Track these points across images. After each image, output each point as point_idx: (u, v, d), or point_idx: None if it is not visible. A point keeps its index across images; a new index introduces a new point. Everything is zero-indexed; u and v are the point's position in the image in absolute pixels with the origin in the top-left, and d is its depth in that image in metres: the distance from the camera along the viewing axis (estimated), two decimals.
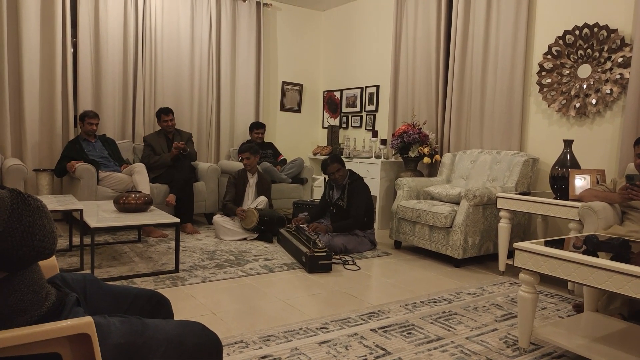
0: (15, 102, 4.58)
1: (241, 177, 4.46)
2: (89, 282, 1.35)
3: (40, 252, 1.03)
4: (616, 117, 3.53)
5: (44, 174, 4.39)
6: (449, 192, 3.83)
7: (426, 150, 4.63)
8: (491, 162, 4.04)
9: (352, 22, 6.14)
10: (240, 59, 5.88)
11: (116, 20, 5.02)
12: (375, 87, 5.75)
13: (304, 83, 6.56)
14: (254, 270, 3.34)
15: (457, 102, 4.58)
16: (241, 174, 4.47)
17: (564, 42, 3.78)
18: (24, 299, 1.04)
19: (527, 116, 4.10)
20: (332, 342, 2.19)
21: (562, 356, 2.13)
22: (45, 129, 4.74)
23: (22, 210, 0.99)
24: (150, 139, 4.82)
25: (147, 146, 4.79)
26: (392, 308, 2.68)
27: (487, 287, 3.17)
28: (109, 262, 3.39)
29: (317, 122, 6.73)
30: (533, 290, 2.07)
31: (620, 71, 3.45)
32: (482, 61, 4.36)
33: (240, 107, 5.93)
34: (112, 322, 1.11)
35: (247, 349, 2.07)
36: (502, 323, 2.52)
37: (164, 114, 4.82)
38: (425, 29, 4.94)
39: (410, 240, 3.97)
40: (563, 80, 3.80)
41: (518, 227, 3.83)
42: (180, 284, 2.95)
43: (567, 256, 1.89)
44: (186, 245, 3.95)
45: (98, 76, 4.98)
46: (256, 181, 4.47)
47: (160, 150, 4.76)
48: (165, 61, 5.37)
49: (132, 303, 1.37)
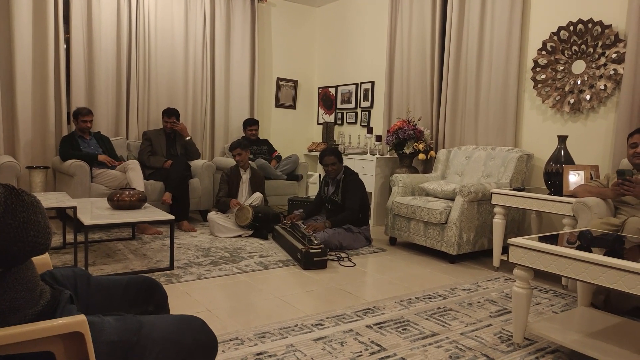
0: (8, 99, 4.54)
1: (234, 174, 4.46)
2: (79, 277, 1.34)
3: (35, 248, 1.02)
4: (610, 113, 3.54)
5: (37, 172, 4.36)
6: (443, 188, 3.84)
7: (421, 146, 4.63)
8: (486, 158, 4.05)
9: (346, 18, 6.13)
10: (235, 56, 5.85)
11: (109, 16, 4.98)
12: (370, 84, 5.74)
13: (299, 79, 6.54)
14: (249, 267, 3.33)
15: (452, 99, 4.59)
16: (234, 171, 4.48)
17: (558, 37, 3.78)
18: (17, 297, 1.03)
19: (522, 112, 4.11)
20: (327, 338, 2.19)
21: (556, 351, 2.14)
22: (38, 126, 4.70)
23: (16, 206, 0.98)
24: (151, 134, 4.81)
25: (146, 140, 4.77)
26: (387, 304, 2.68)
27: (481, 282, 3.18)
28: (103, 260, 3.37)
29: (312, 118, 6.72)
30: (527, 285, 2.07)
31: (614, 67, 3.46)
32: (476, 57, 4.36)
33: (234, 103, 5.90)
34: (107, 320, 1.10)
35: (242, 346, 2.07)
36: (496, 318, 2.53)
37: (167, 115, 4.83)
38: (420, 25, 4.94)
39: (405, 236, 3.98)
40: (557, 76, 3.81)
41: (512, 223, 3.85)
42: (175, 281, 2.95)
43: (561, 252, 1.89)
44: (181, 242, 3.94)
45: (91, 73, 4.94)
46: (249, 177, 4.48)
47: (158, 147, 4.75)
48: (159, 57, 5.34)
49: (124, 293, 1.36)
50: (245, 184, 4.47)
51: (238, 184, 4.46)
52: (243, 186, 4.47)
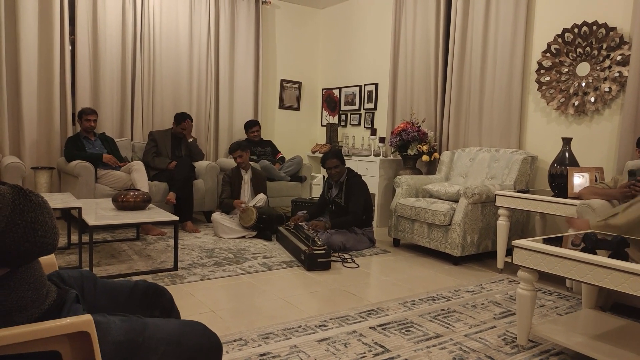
0: (13, 100, 4.57)
1: (235, 175, 4.48)
2: (86, 279, 1.35)
3: (42, 248, 1.03)
4: (615, 115, 3.53)
5: (42, 172, 4.38)
6: (447, 190, 3.84)
7: (425, 148, 4.63)
8: (490, 160, 4.04)
9: (350, 19, 6.13)
10: (239, 57, 5.87)
11: (114, 18, 5.00)
12: (374, 85, 5.74)
13: (303, 81, 6.55)
14: (253, 268, 3.34)
15: (456, 100, 4.58)
16: (235, 172, 4.49)
17: (562, 40, 3.78)
18: (25, 296, 1.04)
19: (526, 114, 4.11)
20: (331, 339, 2.19)
21: (560, 353, 2.13)
22: (44, 127, 4.73)
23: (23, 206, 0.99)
24: (156, 135, 4.82)
25: (152, 141, 4.78)
26: (390, 306, 2.68)
27: (485, 284, 3.17)
28: (107, 260, 3.39)
29: (316, 120, 6.73)
30: (531, 287, 2.07)
31: (619, 69, 3.45)
32: (481, 59, 4.36)
33: (238, 105, 5.92)
34: (113, 320, 1.11)
35: (246, 347, 2.07)
36: (500, 320, 2.52)
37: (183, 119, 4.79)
38: (424, 27, 4.94)
39: (409, 238, 3.98)
40: (562, 78, 3.80)
41: (517, 224, 3.84)
42: (179, 282, 2.95)
43: (566, 254, 1.89)
44: (185, 243, 3.95)
45: (96, 74, 4.97)
46: (250, 177, 4.51)
47: (163, 148, 4.76)
48: (163, 59, 5.36)
49: (129, 297, 1.37)
50: (246, 184, 4.49)
51: (240, 185, 4.48)
52: (245, 187, 4.48)
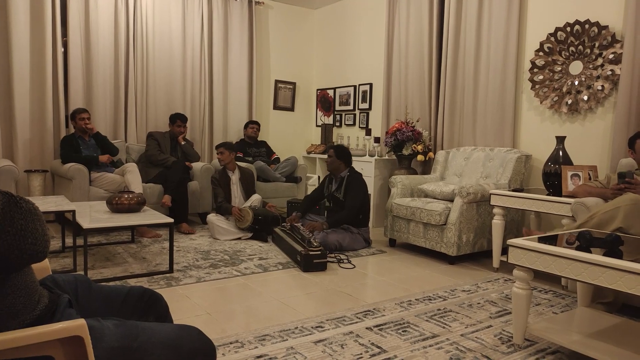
0: (5, 103, 4.54)
1: (222, 176, 4.44)
2: (80, 283, 1.34)
3: (32, 256, 1.02)
4: (608, 114, 3.55)
5: (35, 175, 4.35)
6: (442, 189, 3.84)
7: (420, 147, 4.63)
8: (484, 159, 4.05)
9: (344, 20, 6.13)
10: (233, 58, 5.85)
11: (107, 19, 4.98)
12: (369, 85, 5.75)
13: (297, 81, 6.54)
14: (249, 269, 3.33)
15: (450, 100, 4.59)
16: (222, 174, 4.46)
17: (555, 38, 3.79)
18: (16, 302, 1.03)
19: (520, 113, 4.12)
20: (327, 340, 2.18)
21: (556, 352, 2.14)
22: (36, 130, 4.70)
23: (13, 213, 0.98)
24: (157, 135, 4.83)
25: (154, 140, 4.78)
26: (387, 306, 2.68)
27: (481, 284, 3.18)
28: (102, 263, 3.37)
29: (311, 120, 6.72)
30: (527, 286, 2.07)
31: (611, 67, 3.47)
32: (474, 58, 4.37)
33: (233, 106, 5.90)
34: (106, 325, 1.10)
35: (242, 349, 2.06)
36: (496, 320, 2.53)
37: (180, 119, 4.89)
38: (417, 27, 4.95)
39: (404, 237, 3.98)
40: (555, 76, 3.82)
41: (512, 223, 3.85)
42: (174, 285, 2.94)
43: (561, 252, 1.89)
44: (180, 245, 3.93)
45: (89, 76, 4.94)
46: (239, 177, 4.49)
47: (163, 149, 4.77)
48: (157, 60, 5.33)
49: (124, 302, 1.36)
50: (235, 185, 4.47)
51: (229, 186, 4.44)
52: (234, 188, 4.45)
